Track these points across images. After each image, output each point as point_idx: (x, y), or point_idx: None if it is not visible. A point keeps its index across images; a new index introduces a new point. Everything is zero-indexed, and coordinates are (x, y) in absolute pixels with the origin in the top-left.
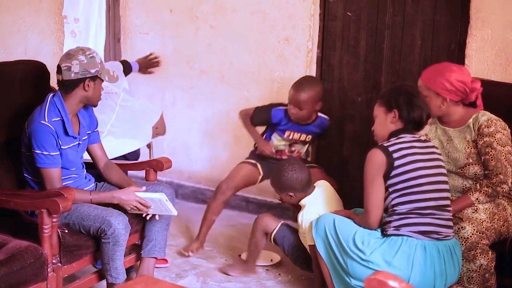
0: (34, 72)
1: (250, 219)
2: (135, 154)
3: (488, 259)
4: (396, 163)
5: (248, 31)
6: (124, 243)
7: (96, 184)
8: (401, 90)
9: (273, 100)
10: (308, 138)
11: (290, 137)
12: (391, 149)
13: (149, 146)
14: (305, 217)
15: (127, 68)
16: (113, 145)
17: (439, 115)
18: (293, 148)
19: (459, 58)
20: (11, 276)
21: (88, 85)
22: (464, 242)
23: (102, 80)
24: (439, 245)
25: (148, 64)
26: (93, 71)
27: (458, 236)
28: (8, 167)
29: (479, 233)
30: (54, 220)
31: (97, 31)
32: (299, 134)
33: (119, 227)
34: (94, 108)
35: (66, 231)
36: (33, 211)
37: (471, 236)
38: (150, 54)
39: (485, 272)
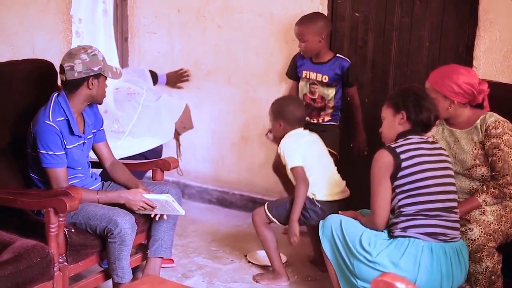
0: (41, 71)
1: None
2: (156, 152)
3: (494, 261)
4: (403, 164)
5: (255, 31)
6: (130, 243)
7: (103, 183)
8: (409, 91)
9: None
10: (325, 78)
11: (307, 76)
12: (398, 150)
13: (178, 142)
14: (283, 143)
15: (153, 79)
16: (132, 144)
17: (447, 117)
18: (312, 89)
19: (467, 59)
20: (18, 275)
21: (92, 83)
22: (471, 244)
23: (106, 78)
24: (446, 247)
25: (177, 78)
26: (96, 69)
27: (465, 238)
28: (15, 167)
29: (487, 235)
30: (61, 219)
31: (110, 33)
32: (314, 74)
33: (126, 227)
34: (116, 108)
35: (73, 230)
36: (39, 210)
37: (478, 238)
38: (181, 69)
39: (491, 274)
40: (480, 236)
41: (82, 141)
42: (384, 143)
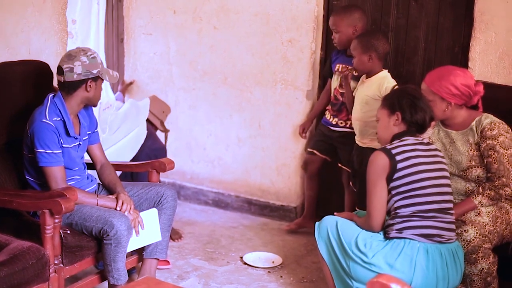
0: (37, 72)
1: (252, 221)
2: (161, 150)
3: (490, 262)
4: (399, 165)
5: (251, 32)
6: (126, 245)
7: (99, 184)
8: (404, 92)
9: (276, 102)
10: (357, 73)
11: (339, 69)
12: (394, 151)
13: (165, 129)
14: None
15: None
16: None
17: (443, 118)
18: (342, 82)
19: (462, 61)
20: (13, 276)
21: (90, 86)
22: (466, 245)
23: (103, 80)
24: (442, 248)
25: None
26: (95, 71)
27: (461, 239)
28: (11, 168)
29: (482, 236)
30: (57, 220)
31: (99, 34)
32: (346, 67)
33: (122, 228)
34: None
35: (68, 232)
36: (35, 211)
37: (473, 240)
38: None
39: (487, 276)
40: (475, 237)
41: (78, 143)
42: (379, 144)
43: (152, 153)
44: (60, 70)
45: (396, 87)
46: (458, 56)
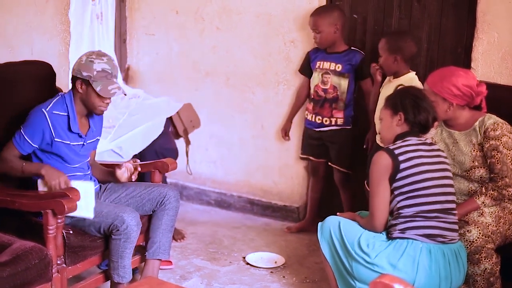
0: (40, 72)
1: (255, 221)
2: (172, 150)
3: (493, 263)
4: (402, 166)
5: (253, 33)
6: (135, 240)
7: (100, 185)
8: (407, 93)
9: (278, 102)
10: (338, 67)
11: (321, 66)
12: (396, 152)
13: (187, 140)
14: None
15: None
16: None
17: (446, 119)
18: (324, 79)
19: (465, 61)
20: (16, 276)
21: (80, 87)
22: (469, 245)
23: (95, 91)
24: (445, 248)
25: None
26: (84, 74)
27: (464, 239)
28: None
29: (485, 236)
30: (59, 221)
31: (108, 35)
32: (328, 63)
33: (132, 223)
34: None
35: (71, 232)
36: (38, 211)
37: (476, 240)
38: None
39: (490, 276)
40: (478, 237)
41: (82, 142)
42: (382, 144)
43: (161, 151)
44: None
45: (401, 87)
46: (460, 56)
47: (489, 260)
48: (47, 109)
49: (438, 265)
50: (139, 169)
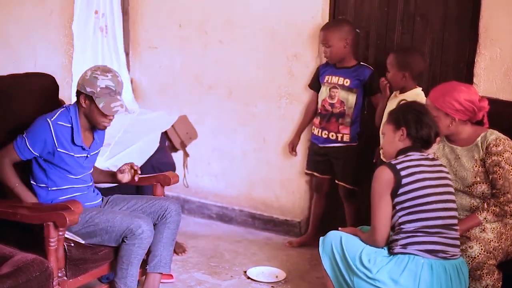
0: (43, 84)
1: (256, 236)
2: (169, 165)
3: (494, 279)
4: (404, 181)
5: (256, 47)
6: (147, 248)
7: (103, 198)
8: (410, 108)
9: (280, 116)
10: (347, 82)
11: (329, 81)
12: (398, 166)
13: (185, 152)
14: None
15: None
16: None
17: (448, 134)
18: (332, 93)
19: (467, 76)
20: None
21: (84, 102)
22: (471, 261)
23: (98, 107)
24: (446, 264)
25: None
26: (88, 89)
27: (465, 255)
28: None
29: (487, 252)
30: (61, 233)
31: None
32: (336, 78)
33: (147, 229)
34: None
35: (72, 244)
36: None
37: (478, 256)
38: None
39: None
40: (480, 253)
41: (85, 154)
42: (378, 157)
43: (157, 166)
44: None
45: (403, 101)
46: (463, 71)
47: (490, 276)
48: (52, 119)
49: (439, 281)
50: (139, 171)
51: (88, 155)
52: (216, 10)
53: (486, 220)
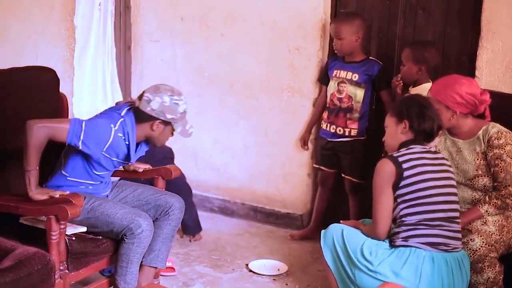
0: (44, 78)
1: (258, 229)
2: (168, 159)
3: (496, 272)
4: (406, 173)
5: (258, 40)
6: (146, 246)
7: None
8: (412, 101)
9: (282, 109)
10: (355, 77)
11: (337, 75)
12: (400, 159)
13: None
14: None
15: None
16: None
17: (449, 127)
18: (340, 88)
19: (469, 69)
20: (19, 282)
21: (157, 126)
22: (473, 254)
23: (173, 130)
24: (448, 256)
25: None
26: (169, 116)
27: (467, 248)
28: (19, 173)
29: (488, 245)
30: (62, 226)
31: (106, 42)
32: (345, 72)
33: (147, 228)
34: None
35: (74, 238)
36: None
37: (479, 249)
38: None
39: (492, 285)
40: (481, 246)
41: (126, 162)
42: (386, 152)
43: (160, 158)
44: (141, 95)
45: (407, 95)
46: (465, 65)
47: (492, 269)
48: (115, 128)
49: (441, 274)
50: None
51: (129, 163)
52: (218, 3)
53: (488, 213)
